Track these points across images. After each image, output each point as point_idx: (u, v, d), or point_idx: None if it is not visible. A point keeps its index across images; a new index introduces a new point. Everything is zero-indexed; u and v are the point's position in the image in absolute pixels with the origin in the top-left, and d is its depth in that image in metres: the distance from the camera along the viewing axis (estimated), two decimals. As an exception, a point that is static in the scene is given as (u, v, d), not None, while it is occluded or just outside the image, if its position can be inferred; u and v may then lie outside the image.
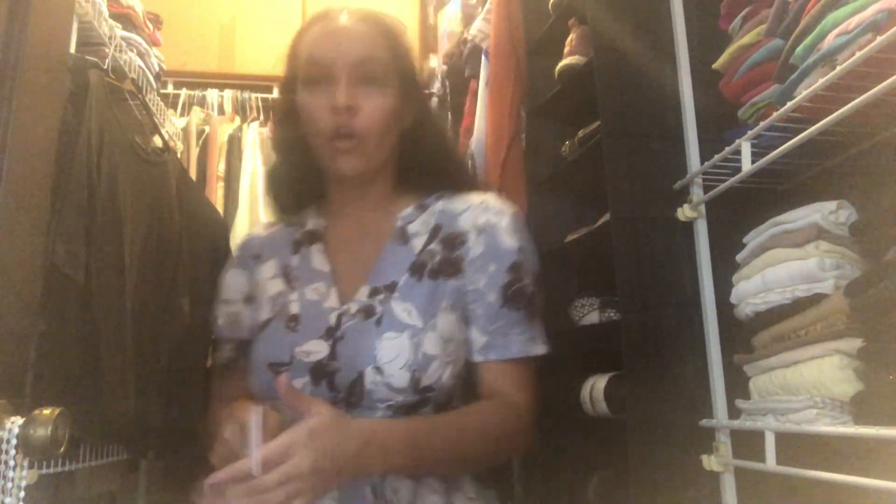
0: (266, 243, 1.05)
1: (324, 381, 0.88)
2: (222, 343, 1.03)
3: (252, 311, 1.01)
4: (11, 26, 0.90)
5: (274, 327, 0.95)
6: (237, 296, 1.03)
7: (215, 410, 0.94)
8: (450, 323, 0.93)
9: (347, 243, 0.99)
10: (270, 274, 1.01)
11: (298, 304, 0.95)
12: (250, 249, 1.06)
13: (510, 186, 1.72)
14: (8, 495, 0.79)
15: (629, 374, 1.31)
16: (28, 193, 0.94)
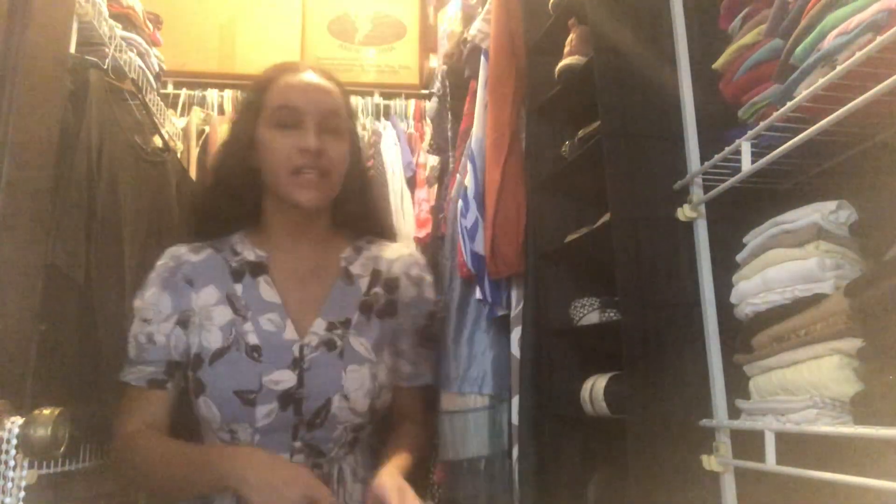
0: (198, 269, 1.08)
1: (290, 406, 0.99)
2: (144, 363, 1.05)
3: (190, 335, 1.04)
4: (11, 26, 0.90)
5: (234, 356, 1.00)
6: (165, 317, 1.05)
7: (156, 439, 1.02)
8: (390, 356, 1.13)
9: (294, 277, 1.08)
10: (213, 301, 1.05)
11: (255, 334, 1.01)
12: (179, 272, 1.07)
13: (510, 187, 1.71)
14: (8, 495, 0.79)
15: (629, 374, 1.31)
16: (28, 193, 0.94)
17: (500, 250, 1.68)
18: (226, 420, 0.99)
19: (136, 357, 1.06)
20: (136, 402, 1.05)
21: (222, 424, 1.00)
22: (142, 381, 1.05)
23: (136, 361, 1.06)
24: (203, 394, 1.00)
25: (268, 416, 0.98)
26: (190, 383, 1.03)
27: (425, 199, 2.71)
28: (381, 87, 3.10)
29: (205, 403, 1.00)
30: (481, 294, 1.71)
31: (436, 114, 2.35)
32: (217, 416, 1.00)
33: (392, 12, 3.24)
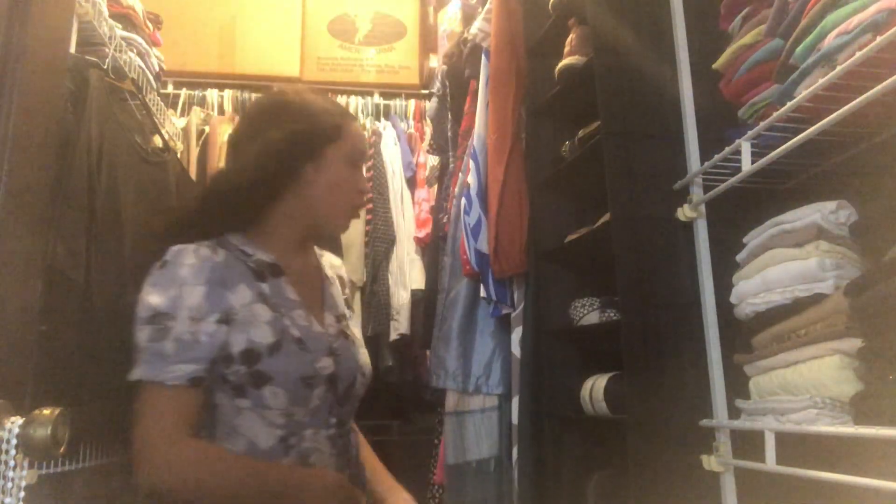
0: (225, 268, 1.11)
1: (331, 388, 1.13)
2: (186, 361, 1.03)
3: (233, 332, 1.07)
4: (11, 26, 0.90)
5: (290, 348, 1.10)
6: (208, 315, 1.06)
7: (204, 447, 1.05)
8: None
9: (298, 278, 1.20)
10: (249, 299, 1.10)
11: (295, 328, 1.12)
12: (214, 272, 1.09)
13: (513, 185, 1.72)
14: (8, 495, 0.79)
15: (629, 374, 1.31)
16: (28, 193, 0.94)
17: (504, 249, 1.68)
18: (290, 404, 1.08)
19: (176, 355, 1.04)
20: (172, 402, 1.04)
21: (285, 409, 1.08)
22: (182, 380, 1.03)
23: (177, 360, 1.04)
24: (269, 383, 1.06)
25: (319, 398, 1.11)
26: (242, 378, 1.06)
27: (425, 198, 2.71)
28: (381, 87, 3.10)
29: (270, 392, 1.07)
30: (485, 292, 1.71)
31: (436, 114, 2.35)
32: (283, 402, 1.08)
33: (392, 12, 3.24)
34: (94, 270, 1.50)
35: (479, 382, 1.72)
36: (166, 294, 1.05)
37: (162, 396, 1.03)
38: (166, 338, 1.03)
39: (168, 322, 1.04)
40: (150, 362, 1.03)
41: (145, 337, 1.04)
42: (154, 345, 1.03)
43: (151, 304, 1.04)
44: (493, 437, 1.69)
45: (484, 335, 1.77)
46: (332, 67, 3.11)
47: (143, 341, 1.04)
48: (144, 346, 1.04)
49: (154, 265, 1.09)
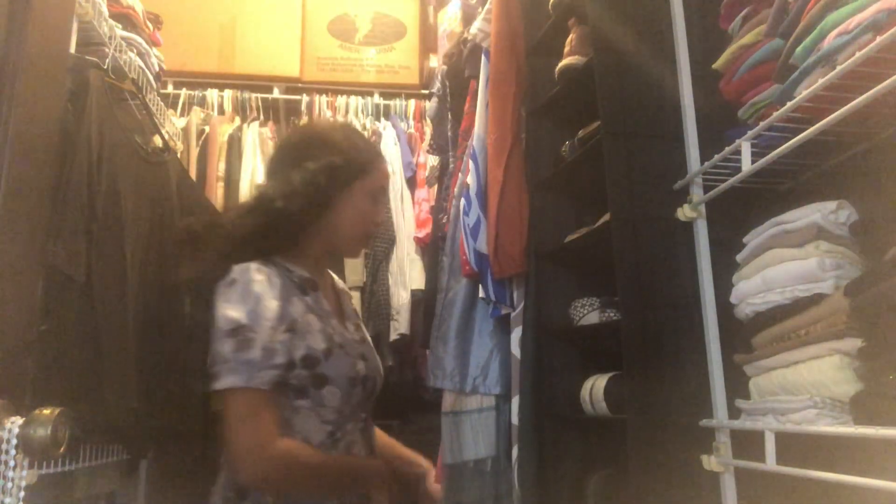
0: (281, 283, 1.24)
1: (364, 386, 1.28)
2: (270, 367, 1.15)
3: (296, 339, 1.20)
4: (11, 26, 0.90)
5: (339, 352, 1.24)
6: (280, 324, 1.19)
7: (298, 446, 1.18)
8: None
9: (327, 294, 1.34)
10: (303, 310, 1.24)
11: (337, 336, 1.26)
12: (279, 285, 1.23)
13: (513, 186, 1.71)
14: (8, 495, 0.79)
15: (629, 374, 1.31)
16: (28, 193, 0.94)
17: (505, 250, 1.68)
18: (342, 402, 1.23)
19: (262, 362, 1.15)
20: (264, 406, 1.15)
21: (338, 406, 1.22)
22: (267, 385, 1.15)
23: (263, 367, 1.15)
24: (328, 384, 1.20)
25: (357, 396, 1.26)
26: (303, 380, 1.19)
27: (425, 199, 2.71)
28: (381, 87, 3.10)
29: (329, 392, 1.21)
30: (485, 292, 1.71)
31: (436, 114, 2.35)
32: (339, 400, 1.22)
33: (392, 12, 3.24)
34: (94, 270, 1.50)
35: (476, 382, 1.72)
36: (244, 308, 1.16)
37: (254, 401, 1.14)
38: (252, 347, 1.14)
39: (250, 333, 1.15)
40: (238, 371, 1.13)
41: (230, 348, 1.14)
42: (240, 354, 1.14)
43: (233, 318, 1.15)
44: (490, 437, 1.69)
45: (482, 335, 1.77)
46: (332, 67, 3.11)
47: (228, 352, 1.14)
48: (230, 357, 1.14)
49: (222, 283, 1.20)
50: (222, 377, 1.14)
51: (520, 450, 1.60)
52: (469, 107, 2.05)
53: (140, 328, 1.66)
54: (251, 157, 2.67)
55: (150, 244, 1.76)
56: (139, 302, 1.67)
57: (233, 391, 1.13)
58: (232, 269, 1.21)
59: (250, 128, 2.75)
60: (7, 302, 0.89)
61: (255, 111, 2.91)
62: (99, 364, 1.50)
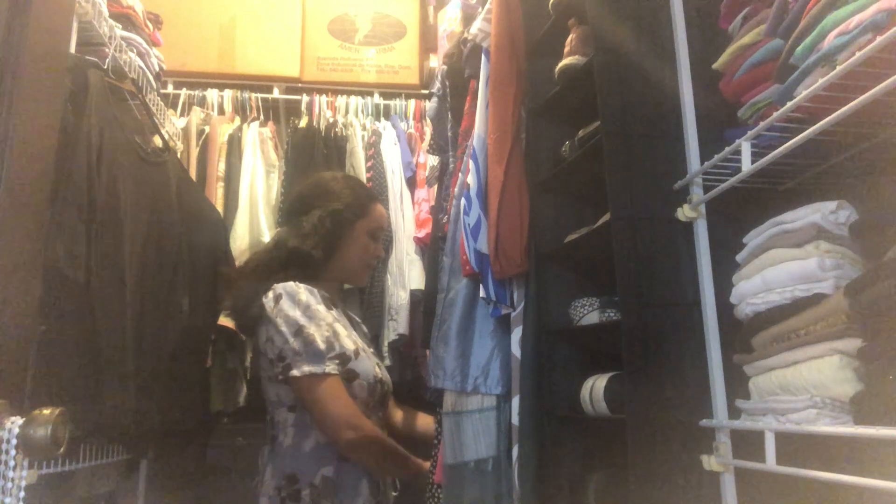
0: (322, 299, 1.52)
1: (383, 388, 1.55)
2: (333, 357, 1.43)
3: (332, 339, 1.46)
4: (11, 26, 0.90)
5: (363, 355, 1.50)
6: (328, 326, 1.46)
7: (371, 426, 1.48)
8: None
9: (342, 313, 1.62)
10: (332, 319, 1.50)
11: (360, 343, 1.54)
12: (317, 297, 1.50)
13: (513, 186, 1.71)
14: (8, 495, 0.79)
15: (629, 374, 1.31)
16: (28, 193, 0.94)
17: (505, 250, 1.67)
18: (368, 396, 1.47)
19: (327, 352, 1.42)
20: (341, 388, 1.42)
21: (365, 399, 1.46)
22: (338, 369, 1.42)
23: (328, 356, 1.42)
24: (357, 379, 1.46)
25: (378, 395, 1.51)
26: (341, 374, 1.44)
27: (425, 199, 2.71)
28: (381, 87, 3.10)
29: (359, 386, 1.45)
30: (485, 292, 1.71)
31: (436, 114, 2.35)
32: (366, 394, 1.46)
33: (392, 12, 3.24)
34: (94, 270, 1.50)
35: (476, 382, 1.72)
36: (299, 311, 1.42)
37: (333, 384, 1.41)
38: (315, 341, 1.40)
39: (310, 330, 1.41)
40: (311, 361, 1.39)
41: (300, 345, 1.40)
42: (309, 347, 1.40)
43: (294, 320, 1.41)
44: (490, 438, 1.69)
45: (483, 335, 1.77)
46: (332, 67, 3.11)
47: (299, 348, 1.40)
48: (302, 351, 1.40)
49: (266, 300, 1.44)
50: (298, 366, 1.39)
51: (520, 450, 1.60)
52: (469, 107, 2.05)
53: (139, 328, 1.66)
54: (251, 157, 2.67)
55: (150, 244, 1.75)
56: (138, 302, 1.67)
57: (311, 377, 1.38)
58: (274, 287, 1.44)
59: (250, 128, 2.75)
60: (7, 302, 0.89)
61: (255, 111, 2.91)
62: (98, 364, 1.49)
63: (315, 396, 1.41)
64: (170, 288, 1.84)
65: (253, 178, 2.62)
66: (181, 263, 1.91)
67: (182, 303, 1.89)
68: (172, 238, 1.88)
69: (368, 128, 2.87)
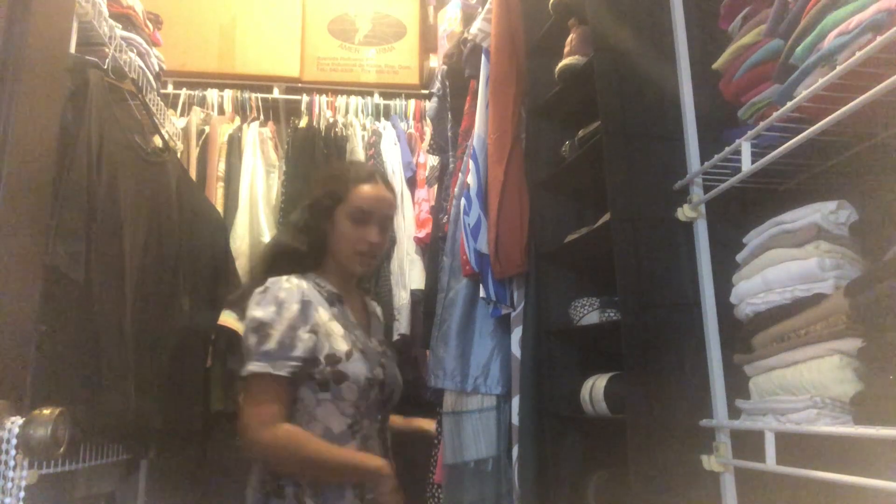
0: (309, 294, 1.44)
1: (382, 390, 1.46)
2: (288, 358, 1.35)
3: (320, 340, 1.39)
4: (11, 26, 0.90)
5: (358, 356, 1.42)
6: (302, 325, 1.38)
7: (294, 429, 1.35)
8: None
9: (355, 309, 1.56)
10: (327, 318, 1.43)
11: (360, 343, 1.46)
12: (304, 294, 1.43)
13: (513, 186, 1.71)
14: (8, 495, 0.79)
15: (629, 374, 1.31)
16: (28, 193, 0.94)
17: (505, 250, 1.67)
18: (359, 399, 1.40)
19: (279, 354, 1.34)
20: (275, 392, 1.35)
21: (355, 402, 1.39)
22: (285, 372, 1.34)
23: (279, 357, 1.34)
24: (346, 381, 1.38)
25: (374, 396, 1.44)
26: (326, 375, 1.38)
27: (425, 199, 2.71)
28: (381, 87, 3.10)
29: (347, 388, 1.38)
30: (485, 292, 1.71)
31: (436, 114, 2.35)
32: (354, 395, 1.39)
33: (392, 12, 3.23)
34: (93, 270, 1.50)
35: (476, 382, 1.72)
36: (268, 309, 1.37)
37: (269, 386, 1.34)
38: (269, 341, 1.34)
39: (270, 330, 1.35)
40: (258, 360, 1.33)
41: (254, 342, 1.35)
42: (261, 346, 1.34)
43: (256, 317, 1.36)
44: (490, 438, 1.69)
45: (483, 335, 1.77)
46: (332, 67, 3.11)
47: (252, 345, 1.35)
48: (253, 349, 1.35)
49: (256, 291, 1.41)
50: (246, 365, 1.34)
51: (520, 450, 1.60)
52: (469, 107, 2.05)
53: (139, 328, 1.66)
54: (251, 157, 2.67)
55: (150, 244, 1.76)
56: (138, 302, 1.67)
57: (253, 376, 1.33)
58: (266, 280, 1.43)
59: (250, 128, 2.75)
60: (7, 302, 0.89)
61: (255, 111, 2.91)
62: (98, 364, 1.50)
63: (247, 395, 1.36)
64: (170, 288, 1.85)
65: (253, 178, 2.62)
66: (181, 263, 1.91)
67: (182, 303, 1.89)
68: (172, 238, 1.88)
69: (368, 128, 2.87)
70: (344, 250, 1.51)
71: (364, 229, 1.50)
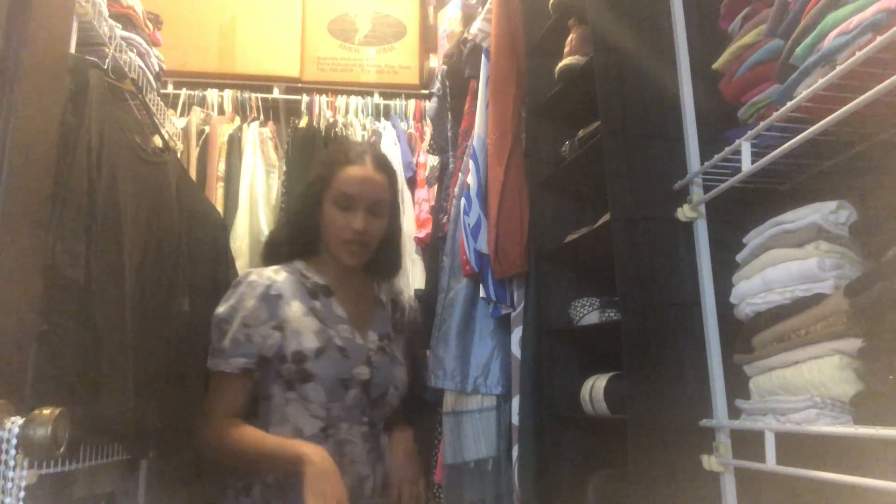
0: (284, 288, 1.39)
1: (366, 391, 1.36)
2: (239, 356, 1.33)
3: (286, 337, 1.33)
4: (11, 26, 0.90)
5: (332, 354, 1.33)
6: (263, 322, 1.33)
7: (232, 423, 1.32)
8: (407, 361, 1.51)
9: (349, 300, 1.44)
10: (301, 313, 1.36)
11: (339, 339, 1.36)
12: (271, 289, 1.37)
13: (513, 186, 1.71)
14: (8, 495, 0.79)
15: (629, 374, 1.31)
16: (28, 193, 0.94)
17: (505, 250, 1.68)
18: (328, 400, 1.31)
19: (231, 350, 1.33)
20: (226, 388, 1.34)
21: (324, 403, 1.31)
22: (235, 369, 1.32)
23: (232, 354, 1.33)
24: (312, 381, 1.31)
25: (354, 398, 1.34)
26: (291, 374, 1.32)
27: (425, 199, 2.71)
28: (381, 87, 3.10)
29: (313, 388, 1.31)
30: (485, 292, 1.71)
31: (436, 114, 2.35)
32: (322, 397, 1.31)
33: (392, 12, 3.24)
34: (94, 270, 1.49)
35: (476, 382, 1.72)
36: (227, 305, 1.36)
37: (221, 382, 1.34)
38: (225, 337, 1.33)
39: (225, 325, 1.34)
40: (213, 356, 1.34)
41: (214, 338, 1.35)
42: (217, 343, 1.34)
43: (217, 313, 1.36)
44: (491, 438, 1.69)
45: (483, 335, 1.77)
46: (332, 67, 3.11)
47: (213, 342, 1.35)
48: (213, 345, 1.35)
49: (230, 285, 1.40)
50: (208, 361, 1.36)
51: (520, 450, 1.60)
52: (469, 107, 2.05)
53: (139, 328, 1.66)
54: (251, 157, 2.67)
55: (150, 244, 1.75)
56: (138, 302, 1.66)
57: (211, 373, 1.35)
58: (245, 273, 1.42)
59: (250, 128, 2.75)
60: (7, 302, 0.89)
61: (255, 111, 2.91)
62: (98, 364, 1.49)
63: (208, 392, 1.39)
64: (170, 288, 1.84)
65: (253, 178, 2.63)
66: (181, 263, 1.90)
67: (182, 303, 1.89)
68: (172, 238, 1.88)
69: (368, 128, 2.87)
70: (332, 239, 1.41)
71: (349, 216, 1.38)
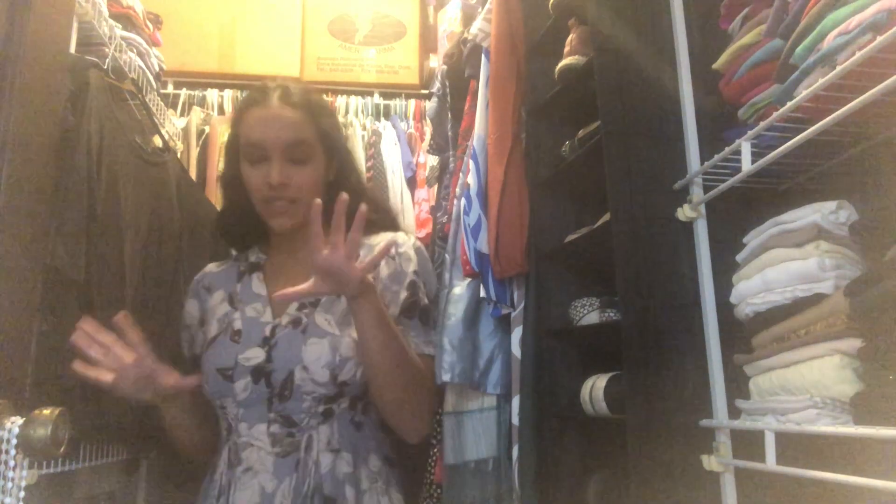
0: (216, 277, 1.30)
1: (262, 379, 1.12)
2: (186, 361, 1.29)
3: (203, 332, 1.25)
4: (11, 26, 0.90)
5: (221, 340, 1.18)
6: (193, 321, 1.27)
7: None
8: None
9: (284, 273, 1.22)
10: (219, 300, 1.26)
11: (240, 321, 1.19)
12: (202, 283, 1.30)
13: (513, 186, 1.71)
14: (8, 495, 0.79)
15: (629, 374, 1.31)
16: (28, 193, 0.94)
17: (505, 250, 1.67)
18: (214, 395, 1.16)
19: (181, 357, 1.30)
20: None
21: (214, 399, 1.17)
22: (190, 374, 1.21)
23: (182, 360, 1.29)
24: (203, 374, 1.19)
25: (245, 390, 1.13)
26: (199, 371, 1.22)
27: (425, 199, 2.71)
28: (381, 87, 3.10)
29: (204, 381, 1.17)
30: (485, 292, 1.71)
31: (436, 114, 2.35)
32: (209, 391, 1.17)
33: (392, 12, 3.24)
34: (94, 270, 1.50)
35: (480, 380, 1.72)
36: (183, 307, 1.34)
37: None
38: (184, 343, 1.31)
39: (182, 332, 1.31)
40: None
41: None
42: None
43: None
44: (491, 438, 1.69)
45: (483, 335, 1.77)
46: (332, 67, 3.11)
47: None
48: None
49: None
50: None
51: (520, 450, 1.60)
52: (469, 107, 2.05)
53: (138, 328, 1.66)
54: (251, 157, 2.67)
55: (149, 244, 1.75)
56: (138, 302, 1.67)
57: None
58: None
59: (250, 128, 2.75)
60: (7, 302, 0.89)
61: (255, 111, 2.91)
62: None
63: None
64: (170, 288, 1.84)
65: (253, 178, 2.62)
66: (181, 263, 1.91)
67: (182, 302, 1.89)
68: (172, 238, 1.88)
69: (368, 128, 2.88)
70: (257, 203, 1.19)
71: (263, 168, 1.15)
